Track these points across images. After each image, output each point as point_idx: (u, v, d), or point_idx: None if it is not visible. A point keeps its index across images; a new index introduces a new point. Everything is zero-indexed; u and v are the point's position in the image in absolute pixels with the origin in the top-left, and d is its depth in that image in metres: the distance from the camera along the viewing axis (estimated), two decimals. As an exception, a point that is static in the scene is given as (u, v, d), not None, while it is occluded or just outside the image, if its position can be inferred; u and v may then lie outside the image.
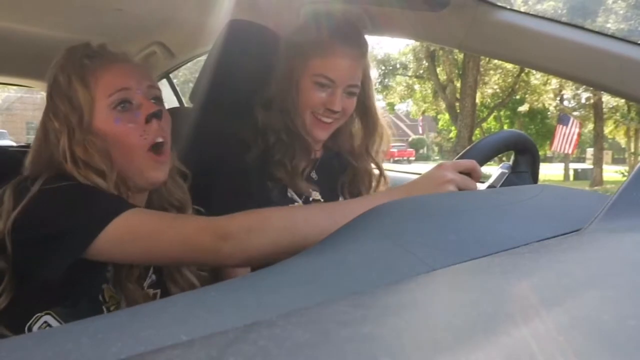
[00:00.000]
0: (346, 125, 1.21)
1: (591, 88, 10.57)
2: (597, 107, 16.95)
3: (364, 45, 1.16)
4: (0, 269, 0.82)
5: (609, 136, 22.25)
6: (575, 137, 15.03)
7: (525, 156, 1.06)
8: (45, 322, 0.83)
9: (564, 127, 15.37)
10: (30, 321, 0.83)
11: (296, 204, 1.14)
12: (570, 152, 16.08)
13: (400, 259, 0.46)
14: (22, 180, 0.84)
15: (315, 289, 0.44)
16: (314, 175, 1.21)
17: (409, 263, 0.45)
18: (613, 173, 17.98)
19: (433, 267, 0.43)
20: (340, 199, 1.23)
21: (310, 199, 1.17)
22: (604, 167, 18.23)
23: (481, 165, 0.96)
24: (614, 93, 1.20)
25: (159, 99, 0.96)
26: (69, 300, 0.84)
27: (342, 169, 1.26)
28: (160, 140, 0.91)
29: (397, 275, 0.42)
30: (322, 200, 1.19)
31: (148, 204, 0.98)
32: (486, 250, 0.43)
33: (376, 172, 1.26)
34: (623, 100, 13.44)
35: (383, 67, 20.34)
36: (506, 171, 1.06)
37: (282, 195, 1.13)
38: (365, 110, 1.21)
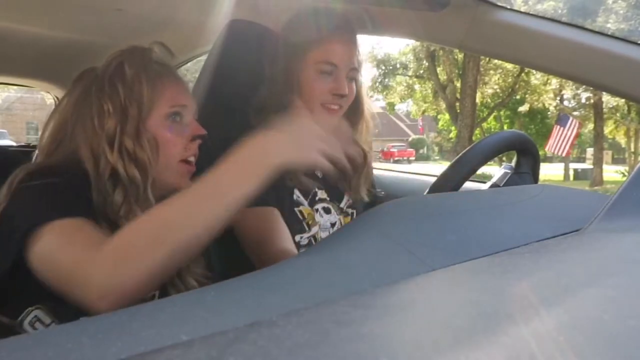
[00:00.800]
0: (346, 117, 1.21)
1: (591, 88, 10.56)
2: (597, 107, 16.95)
3: (355, 30, 1.18)
4: None
5: (609, 136, 22.25)
6: (571, 139, 14.90)
7: (526, 157, 1.06)
8: (36, 316, 0.82)
9: (562, 128, 15.26)
10: (22, 315, 0.82)
11: (301, 207, 1.14)
12: (564, 154, 16.00)
13: (400, 259, 0.46)
14: (15, 176, 0.83)
15: (315, 289, 0.44)
16: (318, 173, 1.21)
17: (409, 263, 0.45)
18: (613, 173, 17.98)
19: (433, 267, 0.43)
20: (345, 196, 1.23)
21: (317, 197, 1.17)
22: (604, 167, 18.22)
23: (482, 164, 0.96)
24: (614, 93, 1.20)
25: (205, 126, 1.01)
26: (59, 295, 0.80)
27: None
28: (193, 159, 0.96)
29: (397, 275, 0.42)
30: (328, 198, 1.19)
31: None
32: (486, 250, 0.43)
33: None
34: (623, 100, 13.44)
35: (383, 67, 20.35)
36: (509, 171, 1.06)
37: (290, 199, 1.13)
38: (355, 97, 1.21)
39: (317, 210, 1.16)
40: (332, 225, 1.18)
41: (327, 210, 1.18)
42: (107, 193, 0.87)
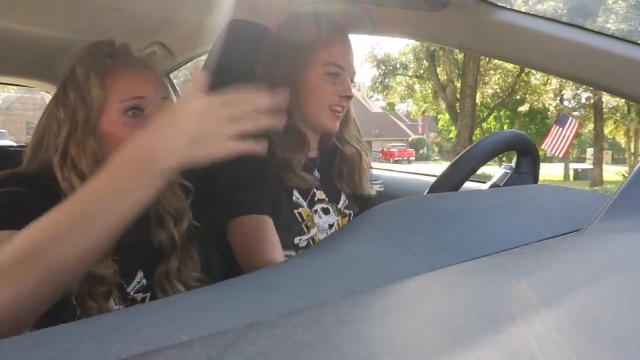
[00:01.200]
0: None
1: (591, 88, 10.56)
2: (597, 107, 16.95)
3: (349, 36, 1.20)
4: None
5: (609, 136, 22.26)
6: (570, 139, 14.85)
7: (526, 157, 1.06)
8: None
9: (560, 128, 15.23)
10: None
11: (301, 209, 1.13)
12: (561, 155, 15.95)
13: (400, 259, 0.46)
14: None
15: (315, 289, 0.44)
16: (316, 173, 1.21)
17: (409, 262, 0.45)
18: (613, 173, 17.98)
19: (433, 267, 0.43)
20: (342, 195, 1.23)
21: (315, 198, 1.17)
22: (604, 167, 18.22)
23: (482, 164, 0.96)
24: (614, 93, 1.19)
25: None
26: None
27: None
28: None
29: (397, 275, 0.42)
30: (326, 199, 1.19)
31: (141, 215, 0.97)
32: (486, 250, 0.43)
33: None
34: (623, 100, 13.44)
35: (383, 67, 20.36)
36: (509, 171, 1.06)
37: (288, 201, 1.12)
38: None
39: (316, 211, 1.16)
40: (330, 226, 1.18)
41: (325, 211, 1.18)
42: None
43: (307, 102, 1.13)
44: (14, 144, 3.29)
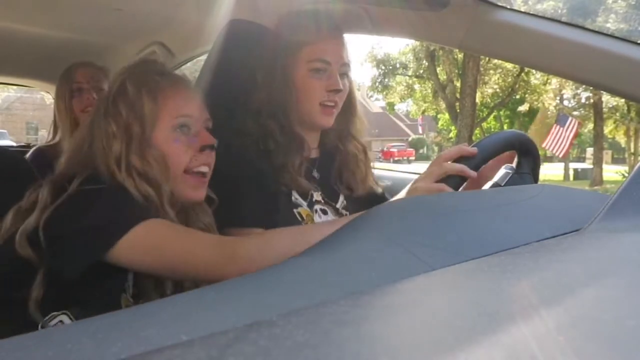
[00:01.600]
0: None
1: (591, 88, 10.57)
2: (597, 106, 16.95)
3: (340, 27, 1.18)
4: (34, 263, 0.82)
5: (609, 136, 22.26)
6: (570, 139, 14.88)
7: (527, 157, 1.06)
8: (61, 321, 0.84)
9: (561, 128, 15.25)
10: (46, 318, 0.83)
11: (300, 209, 1.13)
12: (561, 155, 15.97)
13: (400, 259, 0.46)
14: (59, 178, 0.87)
15: (315, 289, 0.44)
16: (315, 174, 1.21)
17: (409, 262, 0.45)
18: (613, 173, 17.98)
19: (433, 267, 0.43)
20: (340, 195, 1.22)
21: (314, 199, 1.17)
22: (604, 167, 18.22)
23: (482, 165, 0.96)
24: (614, 93, 1.20)
25: (209, 129, 1.00)
26: (87, 303, 0.84)
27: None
28: (204, 169, 0.96)
29: (397, 275, 0.42)
30: (323, 200, 1.18)
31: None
32: (486, 250, 0.43)
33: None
34: (623, 100, 13.44)
35: (383, 67, 20.35)
36: (510, 171, 1.06)
37: (287, 200, 1.12)
38: (348, 93, 1.22)
39: (315, 211, 1.16)
40: None
41: (324, 212, 1.18)
42: None
43: (299, 101, 1.14)
44: (14, 144, 3.29)
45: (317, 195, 1.18)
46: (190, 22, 1.70)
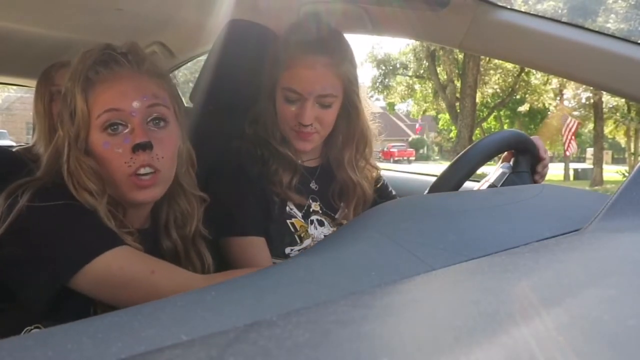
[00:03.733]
0: (334, 134, 1.15)
1: (591, 88, 10.57)
2: (597, 106, 16.95)
3: (336, 53, 1.08)
4: None
5: (609, 136, 22.26)
6: (569, 139, 15.00)
7: (525, 156, 1.06)
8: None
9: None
10: (21, 333, 0.79)
11: (294, 219, 1.12)
12: (568, 153, 16.06)
13: (400, 259, 0.46)
14: (16, 188, 0.80)
15: (315, 289, 0.44)
16: (313, 185, 1.18)
17: (409, 263, 0.45)
18: (613, 173, 17.98)
19: (433, 267, 0.43)
20: (341, 207, 1.20)
21: (311, 209, 1.15)
22: (604, 167, 18.21)
23: (482, 164, 0.96)
24: (614, 92, 1.20)
25: (161, 119, 0.88)
26: (59, 315, 0.78)
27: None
28: (145, 170, 0.84)
29: (397, 275, 0.42)
30: (321, 211, 1.17)
31: (156, 219, 0.96)
32: (486, 250, 0.43)
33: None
34: (623, 100, 13.45)
35: (383, 67, 20.36)
36: (507, 171, 1.06)
37: (281, 211, 1.11)
38: (348, 119, 1.14)
39: (311, 222, 1.14)
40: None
41: (321, 223, 1.15)
42: None
43: (278, 119, 1.11)
44: (14, 144, 3.29)
45: (315, 206, 1.16)
46: (190, 22, 1.70)
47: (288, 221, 1.11)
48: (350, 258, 0.50)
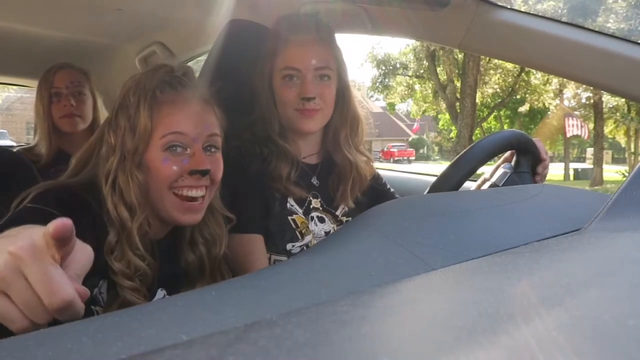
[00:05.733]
0: (330, 119, 1.19)
1: (591, 87, 10.57)
2: (597, 106, 16.96)
3: (322, 31, 1.15)
4: None
5: (609, 136, 22.26)
6: (584, 125, 15.98)
7: (526, 157, 1.06)
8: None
9: (570, 118, 16.38)
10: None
11: (295, 216, 1.13)
12: (586, 136, 17.13)
13: (400, 259, 0.46)
14: (44, 188, 0.80)
15: (315, 289, 0.44)
16: (314, 181, 1.19)
17: (409, 262, 0.45)
18: (613, 173, 17.98)
19: (433, 267, 0.43)
20: (342, 205, 1.21)
21: (311, 206, 1.16)
22: (604, 167, 18.22)
23: (482, 164, 0.96)
24: (614, 92, 1.20)
25: (216, 147, 0.94)
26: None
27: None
28: (192, 194, 0.88)
29: (397, 274, 0.42)
30: (322, 207, 1.18)
31: (178, 233, 0.97)
32: (486, 249, 0.43)
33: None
34: (623, 100, 13.46)
35: (383, 67, 20.36)
36: (508, 171, 1.06)
37: (282, 207, 1.12)
38: (342, 100, 1.19)
39: (312, 218, 1.16)
40: (326, 234, 1.17)
41: (321, 220, 1.17)
42: (106, 230, 0.83)
43: (279, 109, 1.14)
44: (14, 144, 3.30)
45: (315, 202, 1.17)
46: (190, 22, 1.70)
47: (289, 217, 1.12)
48: (351, 258, 0.50)
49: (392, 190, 1.33)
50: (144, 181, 0.86)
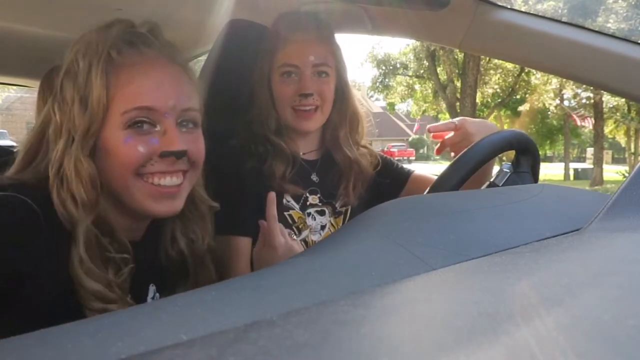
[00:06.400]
0: (329, 117, 1.20)
1: (591, 87, 10.57)
2: (597, 106, 16.98)
3: (321, 28, 1.16)
4: None
5: (609, 136, 22.27)
6: (587, 118, 16.39)
7: (526, 156, 1.06)
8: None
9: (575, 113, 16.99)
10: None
11: (292, 211, 1.13)
12: (591, 126, 17.51)
13: (400, 259, 0.46)
14: None
15: (315, 289, 0.44)
16: (314, 177, 1.20)
17: (409, 262, 0.45)
18: (613, 173, 18.00)
19: (433, 267, 0.43)
20: (341, 196, 1.21)
21: (308, 202, 1.16)
22: (605, 166, 18.24)
23: (482, 164, 0.96)
24: (614, 92, 1.20)
25: (194, 123, 0.76)
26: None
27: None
28: (162, 182, 0.71)
29: (397, 274, 0.42)
30: (319, 203, 1.18)
31: (157, 230, 0.84)
32: (486, 249, 0.43)
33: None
34: (623, 100, 13.48)
35: (383, 67, 20.36)
36: (508, 170, 1.06)
37: (278, 203, 1.12)
38: (341, 98, 1.19)
39: (309, 214, 1.16)
40: (322, 227, 1.17)
41: (321, 213, 1.17)
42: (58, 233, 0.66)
43: (277, 107, 1.14)
44: (15, 144, 3.29)
45: (313, 199, 1.17)
46: (190, 22, 1.70)
47: (285, 213, 1.13)
48: (351, 258, 0.50)
49: (404, 169, 1.31)
50: (103, 168, 0.69)
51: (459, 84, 16.25)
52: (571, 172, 21.16)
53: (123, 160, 0.69)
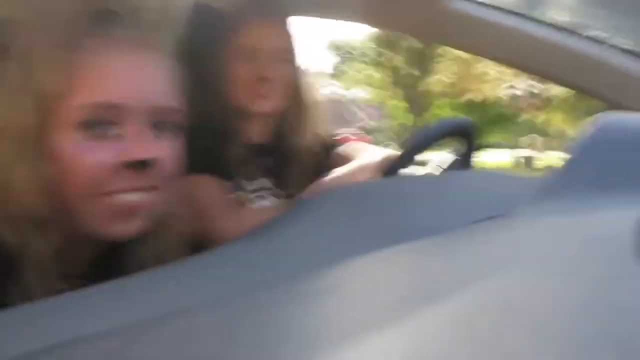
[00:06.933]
0: (287, 103, 1.16)
1: (542, 79, 10.96)
2: (545, 97, 17.65)
3: (280, 12, 1.14)
4: None
5: (560, 126, 23.23)
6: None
7: (467, 141, 1.08)
8: None
9: None
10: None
11: (240, 192, 1.12)
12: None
13: (334, 243, 0.46)
14: None
15: (253, 274, 0.43)
16: (266, 162, 1.18)
17: (343, 247, 0.45)
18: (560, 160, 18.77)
19: (368, 251, 0.43)
20: (289, 187, 1.20)
21: (259, 187, 1.15)
22: (552, 153, 19.06)
23: (424, 150, 0.97)
24: (562, 84, 1.24)
25: (174, 128, 0.60)
26: None
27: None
28: (130, 198, 0.55)
29: (331, 259, 0.42)
30: (270, 188, 1.16)
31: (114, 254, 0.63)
32: (416, 234, 0.43)
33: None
34: (573, 92, 14.05)
35: (341, 54, 20.43)
36: (453, 156, 1.08)
37: (228, 186, 1.10)
38: (297, 83, 1.17)
39: (260, 197, 1.15)
40: None
41: (271, 198, 1.16)
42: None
43: (234, 91, 1.10)
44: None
45: (264, 182, 1.16)
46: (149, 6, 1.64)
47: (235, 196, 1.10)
48: (291, 242, 0.49)
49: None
50: (53, 178, 0.54)
51: (415, 73, 16.51)
52: (522, 161, 21.92)
53: (79, 172, 0.53)
